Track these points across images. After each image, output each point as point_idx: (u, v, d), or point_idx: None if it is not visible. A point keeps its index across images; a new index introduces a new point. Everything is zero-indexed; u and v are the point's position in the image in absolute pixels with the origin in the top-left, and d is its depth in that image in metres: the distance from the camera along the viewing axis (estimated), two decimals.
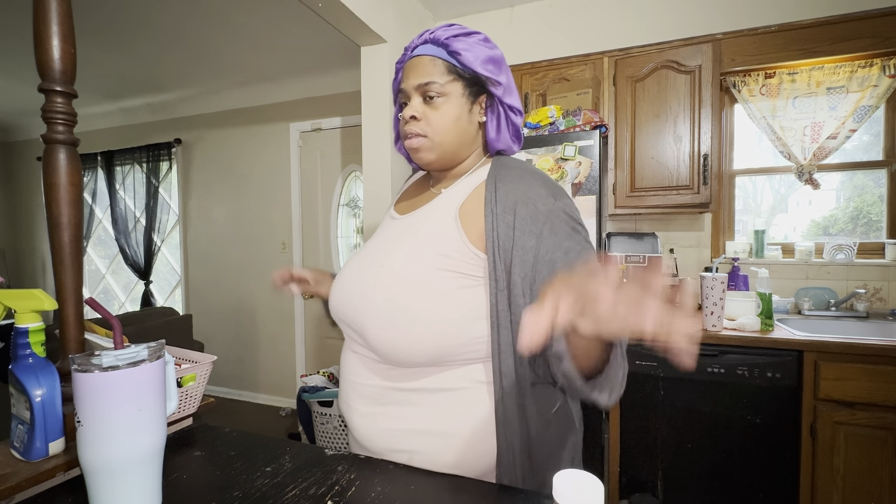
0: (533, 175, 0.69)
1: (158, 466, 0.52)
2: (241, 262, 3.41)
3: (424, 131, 0.69)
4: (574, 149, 1.63)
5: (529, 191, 0.66)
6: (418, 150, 0.70)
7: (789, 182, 2.15)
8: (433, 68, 0.68)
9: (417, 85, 0.69)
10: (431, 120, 0.69)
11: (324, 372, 2.43)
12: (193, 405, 0.81)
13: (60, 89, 0.66)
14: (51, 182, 0.66)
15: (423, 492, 0.57)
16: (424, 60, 0.69)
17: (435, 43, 0.69)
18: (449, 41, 0.68)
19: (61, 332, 0.69)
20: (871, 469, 1.40)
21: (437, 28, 0.70)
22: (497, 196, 0.66)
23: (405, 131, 0.70)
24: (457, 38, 0.69)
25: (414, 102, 0.69)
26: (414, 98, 0.70)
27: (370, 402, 0.69)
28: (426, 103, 0.69)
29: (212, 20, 2.24)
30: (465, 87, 0.70)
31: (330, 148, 3.09)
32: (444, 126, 0.69)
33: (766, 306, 1.57)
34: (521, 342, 0.36)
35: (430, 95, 0.68)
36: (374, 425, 0.68)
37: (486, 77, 0.70)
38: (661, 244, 1.95)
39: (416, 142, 0.69)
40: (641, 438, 1.64)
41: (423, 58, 0.69)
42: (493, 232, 0.63)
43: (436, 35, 0.69)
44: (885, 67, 1.77)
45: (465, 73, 0.69)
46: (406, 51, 0.73)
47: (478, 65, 0.69)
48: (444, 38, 0.69)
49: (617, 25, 2.03)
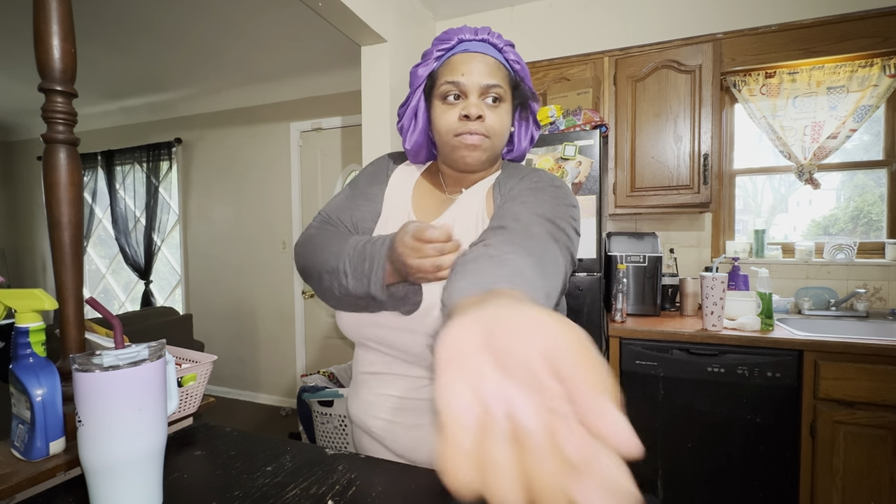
0: (536, 170, 0.73)
1: (159, 466, 0.52)
2: (241, 261, 3.41)
3: (488, 132, 0.67)
4: (574, 148, 1.63)
5: (529, 175, 0.69)
6: (475, 149, 0.67)
7: (789, 182, 2.15)
8: (499, 72, 0.67)
9: (486, 85, 0.66)
10: (493, 122, 0.67)
11: (324, 372, 2.43)
12: (194, 405, 0.81)
13: (61, 89, 0.66)
14: (51, 182, 0.66)
15: (424, 491, 0.57)
16: (490, 61, 0.67)
17: (494, 46, 0.68)
18: (506, 50, 0.68)
19: (62, 332, 0.69)
20: (870, 469, 1.40)
21: (487, 31, 0.68)
22: (501, 190, 0.69)
23: (466, 128, 0.66)
24: (510, 47, 0.69)
25: (475, 100, 0.66)
26: (473, 95, 0.66)
27: (417, 414, 0.69)
28: (487, 105, 0.67)
29: (212, 20, 2.24)
30: (513, 98, 0.70)
31: (330, 148, 3.09)
32: (502, 130, 0.69)
33: (766, 306, 1.57)
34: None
35: (494, 97, 0.67)
36: (425, 436, 0.68)
37: (532, 92, 0.72)
38: (661, 244, 1.95)
39: (478, 140, 0.67)
40: (641, 438, 1.61)
41: (488, 58, 0.67)
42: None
43: (492, 39, 0.68)
44: (886, 67, 1.77)
45: (520, 84, 0.70)
46: (446, 41, 0.69)
47: (528, 79, 0.71)
48: (503, 46, 0.68)
49: (617, 25, 2.03)
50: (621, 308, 1.74)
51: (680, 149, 1.85)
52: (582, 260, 1.56)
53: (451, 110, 0.67)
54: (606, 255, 1.89)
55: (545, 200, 0.61)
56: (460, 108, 0.66)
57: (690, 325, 1.67)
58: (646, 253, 1.84)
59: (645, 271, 1.84)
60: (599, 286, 1.55)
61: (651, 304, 1.84)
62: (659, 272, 1.83)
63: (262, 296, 3.34)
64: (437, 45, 0.70)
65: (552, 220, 0.57)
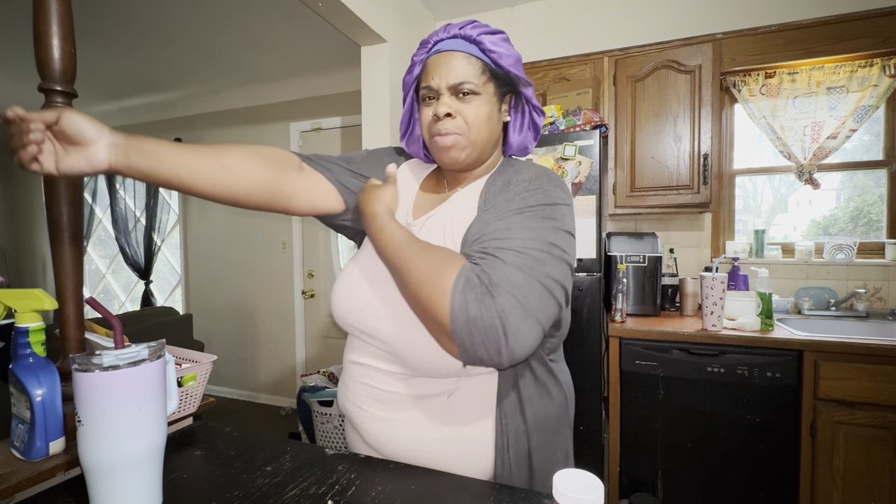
0: (531, 164, 0.71)
1: (159, 466, 0.52)
2: (241, 261, 3.42)
3: (459, 129, 0.67)
4: (574, 148, 1.63)
5: (519, 174, 0.67)
6: (451, 148, 0.68)
7: (789, 182, 2.15)
8: (468, 66, 0.67)
9: (453, 84, 0.66)
10: (467, 117, 0.67)
11: (324, 372, 2.43)
12: (194, 405, 0.81)
13: (60, 89, 0.66)
14: (51, 182, 0.66)
15: (424, 491, 0.57)
16: (458, 57, 0.67)
17: (466, 39, 0.68)
18: (482, 38, 0.67)
19: (62, 332, 0.69)
20: (870, 469, 1.40)
21: (463, 24, 0.69)
22: (486, 195, 0.68)
23: (437, 129, 0.67)
24: (489, 35, 0.68)
25: (446, 99, 0.67)
26: (445, 95, 0.67)
27: (389, 408, 0.68)
28: (460, 100, 0.67)
29: (212, 20, 2.24)
30: (496, 87, 0.69)
31: (330, 148, 3.09)
32: (479, 124, 0.68)
33: (766, 306, 1.57)
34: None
35: (464, 92, 0.66)
36: (391, 432, 0.68)
37: (518, 77, 0.70)
38: (661, 244, 1.95)
39: (451, 139, 0.67)
40: (641, 438, 1.64)
41: (457, 54, 0.67)
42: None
43: (466, 31, 0.68)
44: (886, 67, 1.77)
45: (499, 73, 0.69)
46: (426, 44, 0.70)
47: (510, 64, 0.69)
48: (477, 36, 0.67)
49: (617, 25, 2.03)
50: (621, 308, 1.74)
51: (680, 149, 1.85)
52: (582, 260, 1.56)
53: (427, 110, 0.69)
54: (606, 255, 1.89)
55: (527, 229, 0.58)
56: (433, 108, 0.68)
57: (690, 325, 1.67)
58: (646, 253, 1.84)
59: (645, 271, 1.84)
60: (599, 286, 1.55)
61: (651, 304, 1.84)
62: (659, 272, 1.83)
63: (262, 296, 3.34)
64: (418, 51, 0.72)
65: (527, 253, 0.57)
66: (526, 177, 0.66)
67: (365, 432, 0.71)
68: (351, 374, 0.74)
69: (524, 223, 0.59)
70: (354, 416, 0.72)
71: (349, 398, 0.74)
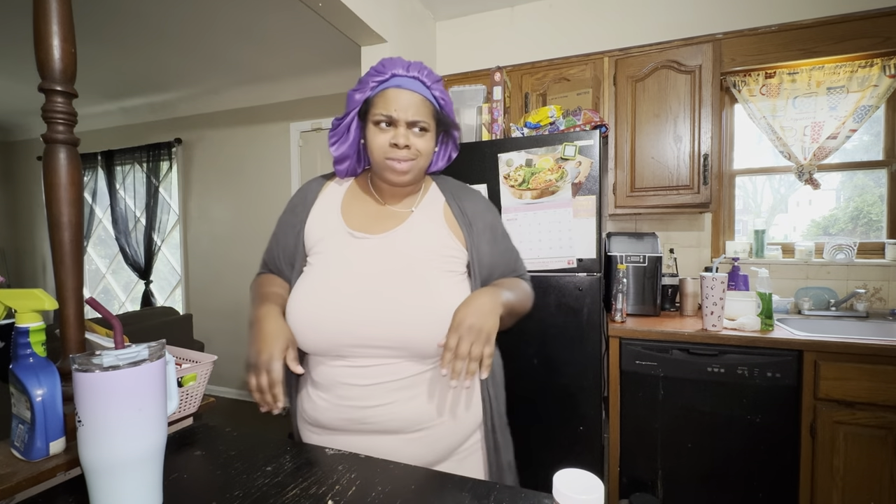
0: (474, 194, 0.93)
1: (159, 466, 0.52)
2: (242, 261, 3.41)
3: (414, 155, 0.80)
4: (574, 148, 1.63)
5: (477, 206, 0.89)
6: (406, 173, 0.81)
7: (789, 182, 2.15)
8: (424, 108, 0.80)
9: (413, 121, 0.79)
10: (420, 149, 0.80)
11: None
12: (194, 405, 0.81)
13: (61, 89, 0.66)
14: (51, 182, 0.66)
15: (423, 491, 0.57)
16: (418, 99, 0.79)
17: (423, 84, 0.80)
18: (434, 87, 0.82)
19: (62, 332, 0.69)
20: (870, 469, 1.40)
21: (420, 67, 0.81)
22: (464, 212, 0.87)
23: (395, 154, 0.79)
24: (438, 84, 0.83)
25: (404, 131, 0.78)
26: (402, 127, 0.78)
27: (408, 388, 0.77)
28: (415, 134, 0.80)
29: (212, 20, 2.24)
30: (437, 127, 0.84)
31: None
32: (427, 152, 0.82)
33: (766, 306, 1.57)
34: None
35: (420, 128, 0.80)
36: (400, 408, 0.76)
37: (452, 121, 0.87)
38: (661, 244, 1.94)
39: (407, 165, 0.80)
40: (641, 438, 1.64)
41: (417, 96, 0.79)
42: (468, 239, 0.84)
43: (421, 77, 0.80)
44: (886, 67, 1.77)
45: (442, 118, 0.84)
46: (381, 73, 0.79)
47: (451, 112, 0.86)
48: (431, 84, 0.81)
49: (617, 25, 2.03)
50: (621, 308, 1.74)
51: (680, 149, 1.85)
52: (582, 260, 1.56)
53: (383, 135, 0.79)
54: (606, 255, 1.89)
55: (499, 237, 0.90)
56: (390, 135, 0.79)
57: (690, 326, 1.67)
58: (646, 253, 1.84)
59: (645, 271, 1.84)
60: (599, 286, 1.55)
61: (651, 305, 1.84)
62: (659, 272, 1.83)
63: None
64: (372, 76, 0.81)
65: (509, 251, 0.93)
66: (484, 205, 0.91)
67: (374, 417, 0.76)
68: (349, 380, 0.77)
69: (507, 244, 0.92)
70: (362, 414, 0.76)
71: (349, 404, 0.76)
